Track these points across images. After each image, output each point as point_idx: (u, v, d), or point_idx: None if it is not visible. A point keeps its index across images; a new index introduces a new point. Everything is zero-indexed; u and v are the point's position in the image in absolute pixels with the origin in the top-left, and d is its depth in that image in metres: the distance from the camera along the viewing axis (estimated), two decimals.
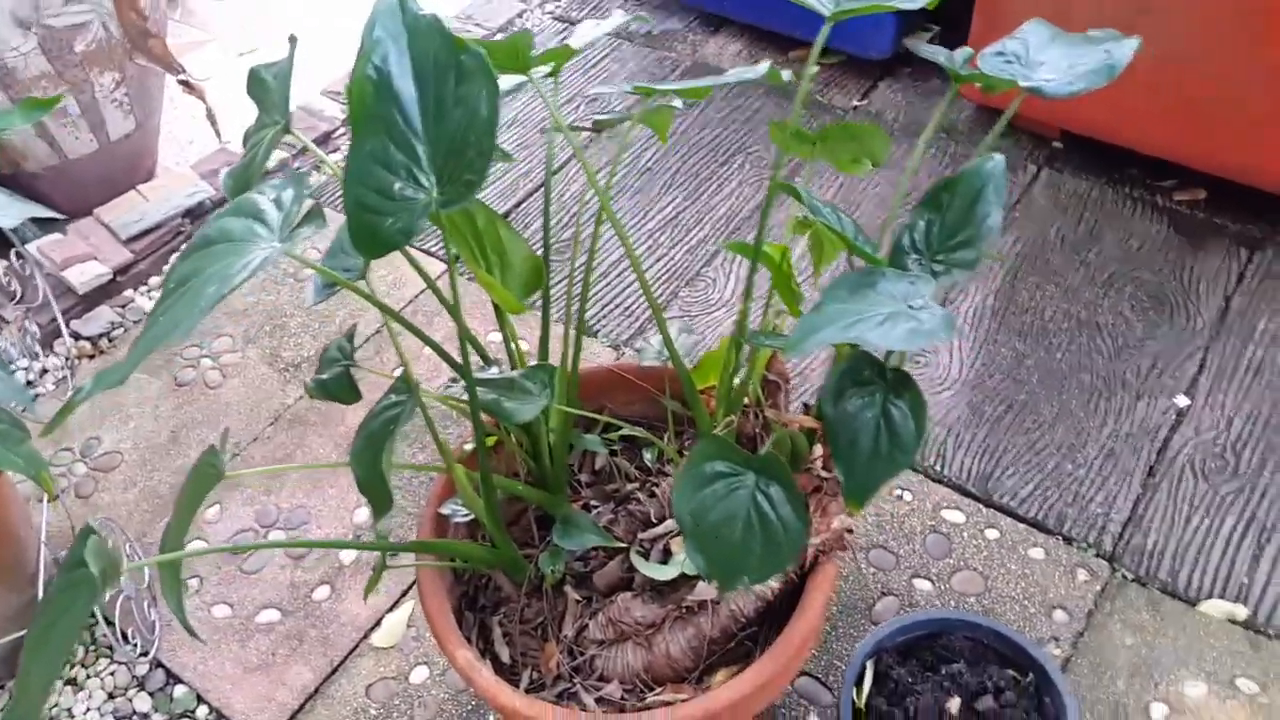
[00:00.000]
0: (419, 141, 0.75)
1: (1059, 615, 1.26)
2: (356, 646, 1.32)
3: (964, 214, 0.81)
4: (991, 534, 1.35)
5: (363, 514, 1.46)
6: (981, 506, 1.38)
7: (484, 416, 0.88)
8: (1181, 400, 1.48)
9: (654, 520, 1.01)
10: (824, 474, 0.92)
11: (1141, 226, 1.74)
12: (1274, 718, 1.15)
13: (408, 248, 0.75)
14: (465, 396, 0.86)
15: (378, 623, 1.34)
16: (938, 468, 1.43)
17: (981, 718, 1.02)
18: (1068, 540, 1.33)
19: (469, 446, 1.08)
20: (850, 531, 0.97)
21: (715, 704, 0.88)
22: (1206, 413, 1.46)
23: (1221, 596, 1.26)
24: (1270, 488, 1.36)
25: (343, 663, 1.31)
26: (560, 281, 1.65)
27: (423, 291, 1.76)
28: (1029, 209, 1.79)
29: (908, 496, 1.40)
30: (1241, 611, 1.25)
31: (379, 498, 0.85)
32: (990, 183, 0.80)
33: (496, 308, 1.01)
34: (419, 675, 1.28)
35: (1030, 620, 1.25)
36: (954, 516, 1.37)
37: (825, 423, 0.77)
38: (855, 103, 2.05)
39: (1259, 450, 1.41)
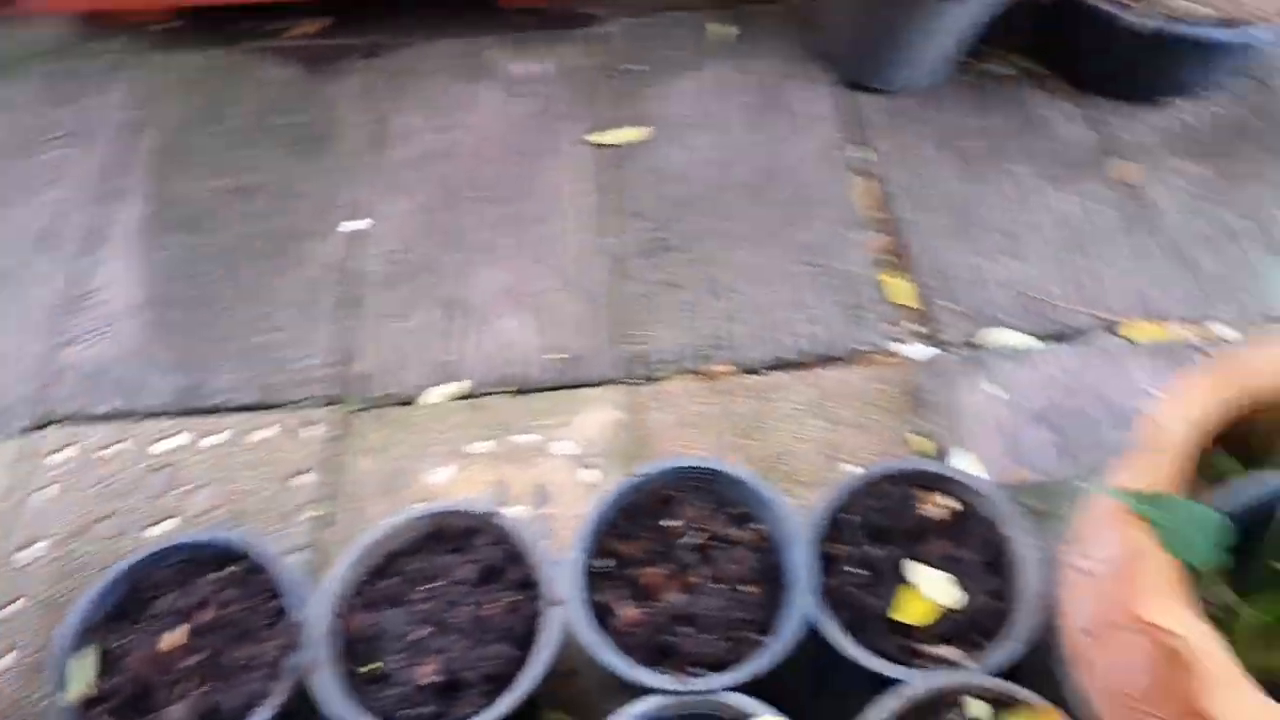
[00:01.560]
0: None
1: (304, 479, 1.21)
2: None
3: None
4: (214, 439, 1.25)
5: None
6: (197, 418, 1.27)
7: None
8: (359, 224, 1.48)
9: None
10: None
11: (272, 74, 1.69)
12: (507, 460, 1.22)
13: None
14: None
15: None
16: (151, 403, 1.29)
17: (197, 633, 0.94)
18: (291, 406, 1.29)
19: None
20: None
21: None
22: (383, 224, 1.48)
23: (438, 383, 1.30)
24: (447, 265, 1.42)
25: None
26: None
27: None
28: (153, 100, 1.64)
29: (114, 450, 1.24)
30: (458, 386, 1.30)
31: None
32: None
33: None
34: None
35: (277, 499, 1.20)
36: (171, 444, 1.25)
37: None
38: None
39: (431, 236, 1.46)
